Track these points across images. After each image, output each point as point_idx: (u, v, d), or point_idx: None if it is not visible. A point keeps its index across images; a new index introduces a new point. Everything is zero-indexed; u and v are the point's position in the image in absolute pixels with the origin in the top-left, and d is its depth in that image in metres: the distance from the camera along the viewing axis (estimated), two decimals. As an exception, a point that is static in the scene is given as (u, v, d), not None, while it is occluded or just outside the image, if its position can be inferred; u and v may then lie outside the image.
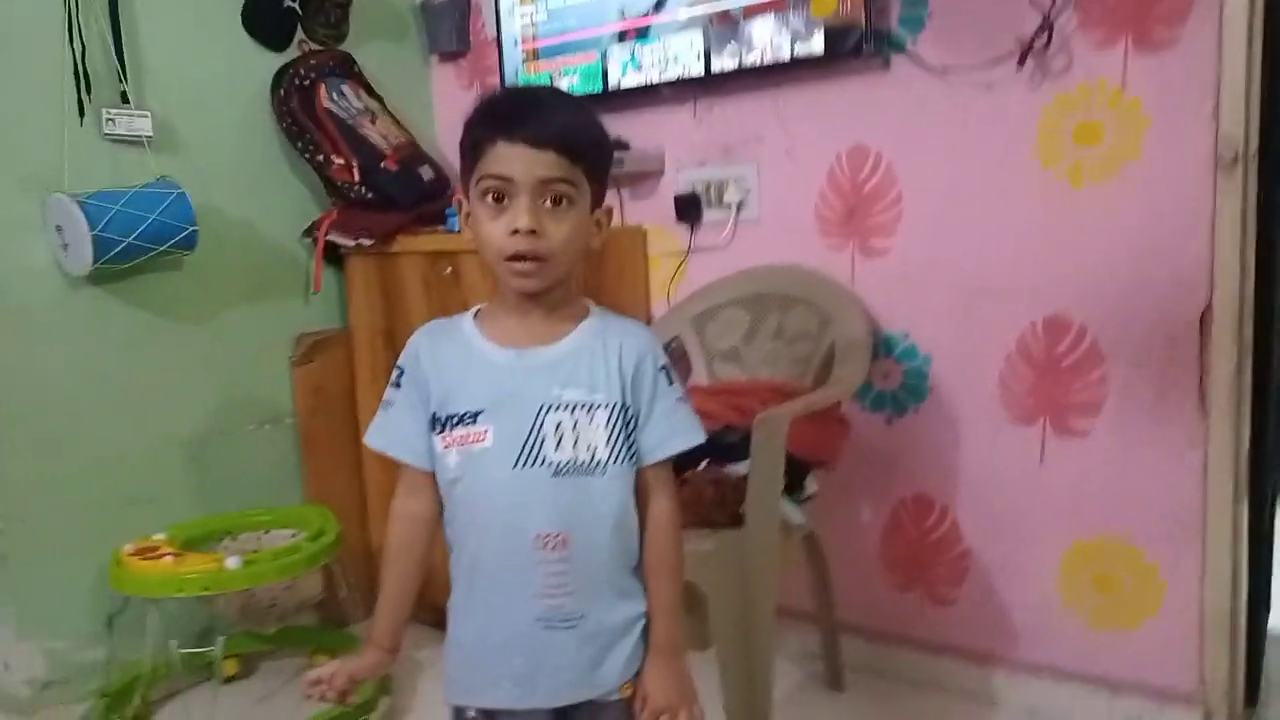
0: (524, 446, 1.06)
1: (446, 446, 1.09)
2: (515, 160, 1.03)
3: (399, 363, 1.14)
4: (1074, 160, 1.81)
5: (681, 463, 1.77)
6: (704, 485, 1.78)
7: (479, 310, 1.15)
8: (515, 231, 1.03)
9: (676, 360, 2.31)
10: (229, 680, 2.22)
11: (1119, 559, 1.86)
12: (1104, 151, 1.78)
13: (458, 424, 1.08)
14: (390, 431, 1.14)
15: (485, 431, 1.07)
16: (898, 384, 2.07)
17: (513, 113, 1.05)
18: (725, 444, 1.84)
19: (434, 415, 1.10)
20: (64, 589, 2.04)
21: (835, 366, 1.97)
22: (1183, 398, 1.76)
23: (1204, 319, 1.73)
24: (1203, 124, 1.68)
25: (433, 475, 1.12)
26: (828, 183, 2.10)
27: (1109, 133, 1.77)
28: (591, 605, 1.09)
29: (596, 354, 1.10)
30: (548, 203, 1.04)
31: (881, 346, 2.06)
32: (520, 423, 1.07)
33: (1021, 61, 1.80)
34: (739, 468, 1.81)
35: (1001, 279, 1.91)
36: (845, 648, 2.09)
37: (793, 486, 1.84)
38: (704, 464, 1.83)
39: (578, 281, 1.15)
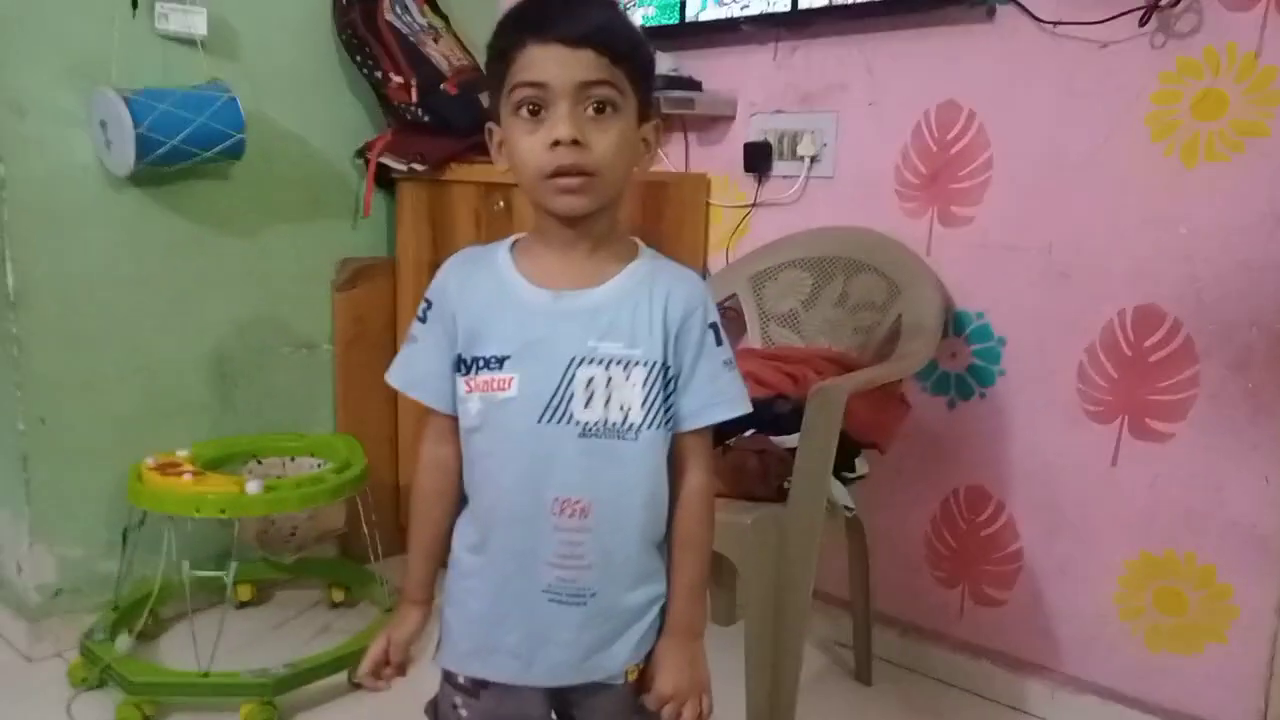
0: (550, 400, 0.95)
1: (469, 391, 0.99)
2: (549, 63, 0.91)
3: (426, 295, 1.04)
4: (1190, 134, 1.63)
5: (724, 429, 1.69)
6: (748, 455, 1.66)
7: (517, 240, 1.04)
8: (556, 144, 0.91)
9: (730, 320, 2.19)
10: (243, 605, 2.18)
11: (1188, 576, 1.71)
12: (1225, 126, 1.60)
13: (482, 368, 0.98)
14: (413, 369, 1.04)
15: (510, 379, 0.96)
16: (965, 366, 1.92)
17: (543, 12, 0.93)
18: (775, 414, 1.72)
19: (459, 356, 1.00)
20: (83, 496, 2.00)
21: (901, 341, 1.83)
22: (1281, 409, 1.60)
23: (1318, 325, 1.56)
24: (1346, 104, 1.49)
25: (456, 421, 1.02)
26: (912, 141, 1.94)
27: (1235, 105, 1.58)
28: (607, 584, 0.99)
29: (641, 302, 0.98)
30: (589, 110, 0.92)
31: (952, 324, 1.91)
32: (548, 374, 0.96)
33: (1145, 19, 1.62)
34: (787, 440, 1.69)
35: (1092, 261, 1.75)
36: (877, 640, 1.97)
37: (842, 466, 1.72)
38: (749, 432, 1.71)
39: (626, 216, 1.03)
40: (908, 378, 1.89)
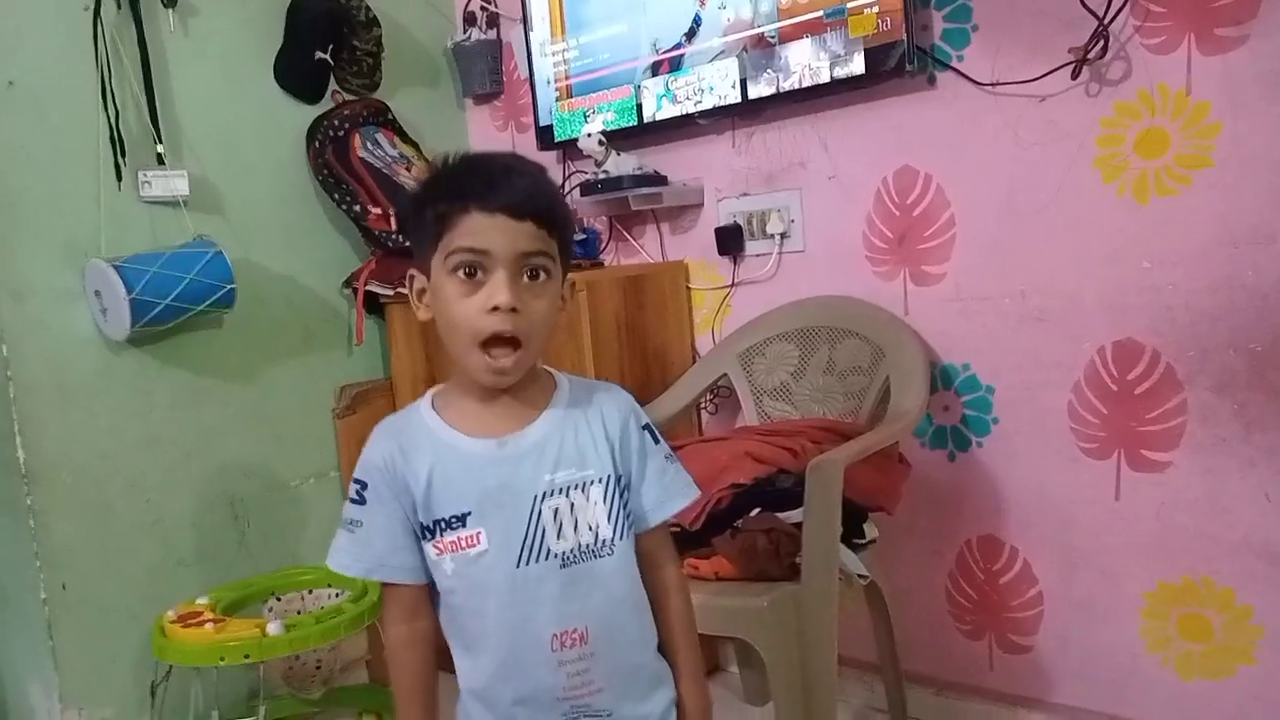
0: (524, 543, 0.98)
1: (440, 554, 0.99)
2: (494, 232, 0.94)
3: (357, 476, 1.02)
4: (1139, 172, 1.69)
5: (731, 512, 1.72)
6: (756, 535, 1.68)
7: (435, 395, 1.05)
8: (494, 309, 0.94)
9: (725, 399, 2.23)
10: (278, 744, 2.18)
11: (1208, 601, 1.71)
12: (1170, 162, 1.66)
13: (446, 529, 0.98)
14: (367, 554, 1.00)
15: (477, 534, 0.98)
16: (959, 418, 1.95)
17: (484, 180, 0.96)
18: (779, 490, 1.74)
19: (420, 523, 1.00)
20: (110, 656, 2.02)
21: (891, 402, 1.86)
22: (1271, 423, 1.62)
23: (1292, 338, 1.59)
24: (1280, 126, 1.55)
25: (427, 589, 1.02)
26: (875, 208, 2.00)
27: (1176, 141, 1.65)
28: (621, 699, 1.01)
29: (580, 424, 1.02)
30: (525, 277, 0.96)
31: (940, 378, 1.95)
32: (515, 519, 0.98)
33: (1076, 72, 1.69)
34: (794, 515, 1.71)
35: (1065, 303, 1.79)
36: (912, 699, 1.96)
37: (851, 533, 1.74)
38: (755, 511, 1.73)
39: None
40: (904, 437, 1.92)
